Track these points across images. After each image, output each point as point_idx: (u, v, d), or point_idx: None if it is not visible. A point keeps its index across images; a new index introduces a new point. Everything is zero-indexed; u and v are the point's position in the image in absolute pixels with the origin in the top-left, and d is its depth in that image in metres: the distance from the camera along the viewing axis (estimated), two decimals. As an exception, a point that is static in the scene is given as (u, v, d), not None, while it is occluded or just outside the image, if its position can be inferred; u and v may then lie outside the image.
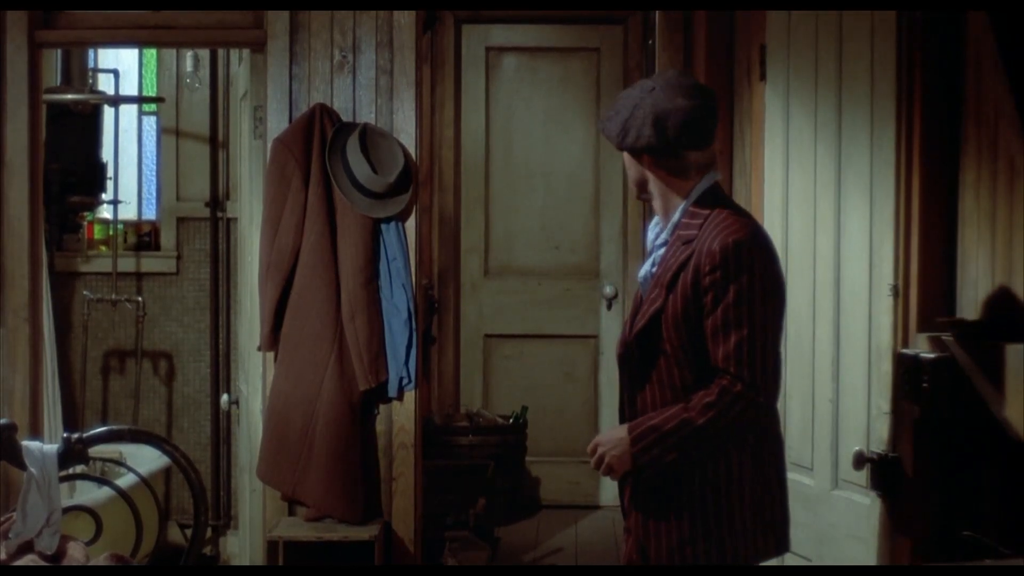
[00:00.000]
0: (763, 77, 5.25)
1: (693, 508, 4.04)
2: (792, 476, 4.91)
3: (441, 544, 7.28)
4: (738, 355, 3.90)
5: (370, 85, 6.17)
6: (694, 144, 4.05)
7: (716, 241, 3.94)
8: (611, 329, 9.21)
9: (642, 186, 4.20)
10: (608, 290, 9.19)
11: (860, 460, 4.38)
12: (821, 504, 4.75)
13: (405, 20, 6.20)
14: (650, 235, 4.27)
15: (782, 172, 5.04)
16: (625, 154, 4.18)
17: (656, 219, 4.26)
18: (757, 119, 5.32)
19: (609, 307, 9.21)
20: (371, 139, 5.97)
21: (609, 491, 9.24)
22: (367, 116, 6.14)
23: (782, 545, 4.14)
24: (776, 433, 4.12)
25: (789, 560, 4.97)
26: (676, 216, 4.11)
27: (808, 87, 4.84)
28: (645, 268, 4.21)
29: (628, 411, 4.21)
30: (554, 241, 9.28)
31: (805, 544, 4.86)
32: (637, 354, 4.17)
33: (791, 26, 5.01)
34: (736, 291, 3.89)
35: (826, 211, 4.70)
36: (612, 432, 4.14)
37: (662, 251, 4.14)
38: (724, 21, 5.93)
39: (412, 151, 6.12)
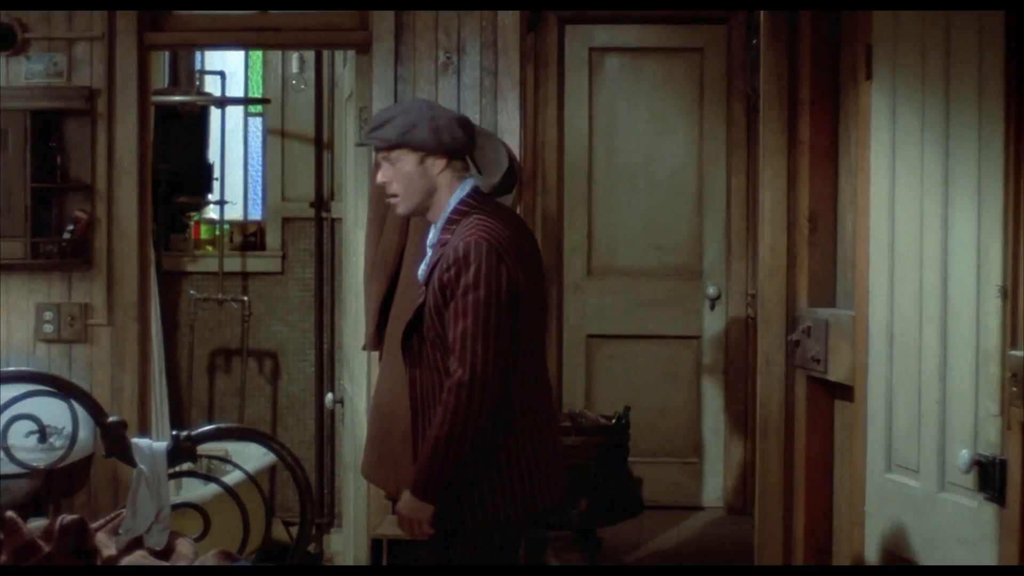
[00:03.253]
0: (869, 76, 5.21)
1: None
2: (897, 478, 4.89)
3: (543, 544, 7.29)
4: (463, 340, 4.37)
5: (474, 86, 6.20)
6: (465, 150, 4.67)
7: (460, 242, 4.44)
8: (714, 330, 9.18)
9: (426, 196, 4.63)
10: (711, 291, 9.16)
11: (969, 463, 4.35)
12: (927, 507, 4.71)
13: (509, 21, 6.22)
14: (428, 239, 4.71)
15: (888, 171, 5.00)
16: (403, 163, 4.60)
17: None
18: (863, 118, 5.28)
19: (712, 308, 9.18)
20: (476, 139, 5.99)
21: (712, 492, 9.22)
22: (471, 116, 6.15)
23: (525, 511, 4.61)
24: (519, 418, 4.53)
25: (893, 562, 4.94)
26: (441, 220, 4.61)
27: (915, 86, 4.80)
28: (422, 268, 4.67)
29: (410, 390, 4.65)
30: (657, 241, 9.26)
31: (910, 547, 4.83)
32: (413, 342, 4.62)
33: (897, 25, 4.97)
34: (464, 285, 4.38)
35: (933, 211, 4.66)
36: (403, 498, 4.55)
37: (431, 251, 4.63)
38: (829, 21, 5.90)
39: (516, 151, 6.13)
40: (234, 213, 9.33)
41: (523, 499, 4.56)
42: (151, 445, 4.51)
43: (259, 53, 9.20)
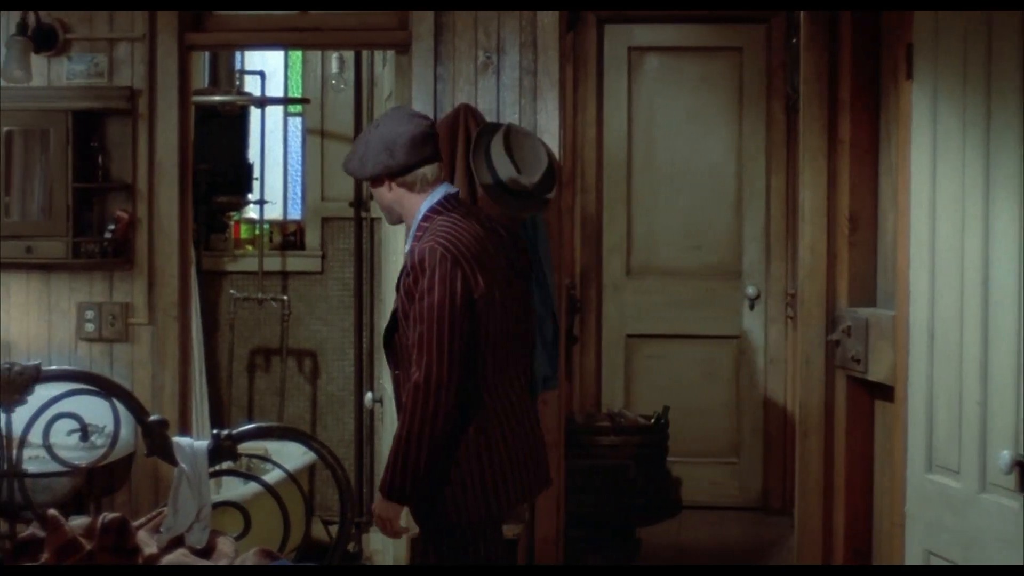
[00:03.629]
0: (910, 76, 5.19)
1: None
2: (938, 479, 4.87)
3: (583, 544, 7.30)
4: (419, 346, 4.54)
5: (514, 85, 6.20)
6: (422, 158, 4.77)
7: (417, 248, 4.64)
8: (754, 329, 9.16)
9: (391, 210, 4.91)
10: (750, 290, 9.15)
11: (1010, 464, 4.33)
12: (968, 507, 4.69)
13: (548, 20, 6.22)
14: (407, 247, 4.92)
15: (929, 172, 4.99)
16: (373, 188, 4.89)
17: None
18: (904, 118, 5.26)
19: (751, 307, 9.16)
20: (515, 139, 5.99)
21: (751, 492, 9.20)
22: (511, 116, 6.17)
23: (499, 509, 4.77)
24: (491, 419, 4.70)
25: (934, 563, 4.93)
26: (412, 229, 4.81)
27: (956, 86, 4.79)
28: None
29: (395, 390, 4.88)
30: (696, 241, 9.25)
31: (950, 548, 4.82)
32: (395, 344, 4.81)
33: (938, 25, 4.95)
34: (419, 291, 4.57)
35: (974, 211, 4.65)
36: (376, 498, 4.75)
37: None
38: (870, 20, 5.89)
39: (555, 151, 6.13)
40: (274, 213, 9.35)
41: (497, 500, 4.73)
42: (192, 444, 4.53)
43: (298, 53, 9.22)
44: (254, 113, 9.05)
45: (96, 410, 4.65)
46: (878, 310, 5.75)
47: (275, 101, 9.20)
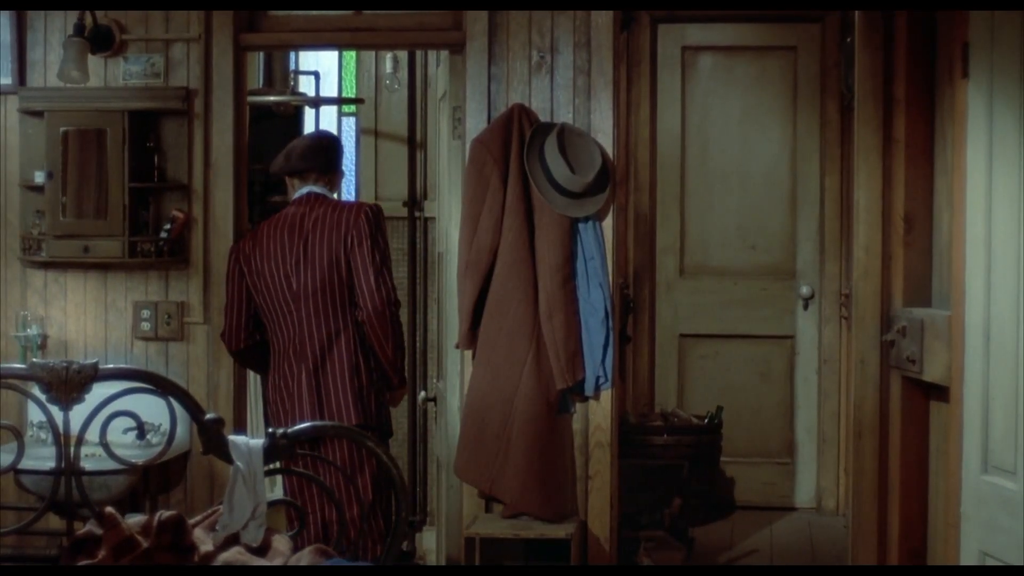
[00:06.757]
0: (965, 74, 5.17)
1: None
2: (994, 480, 4.85)
3: (636, 544, 7.29)
4: None
5: (567, 85, 6.20)
6: (290, 170, 6.18)
7: None
8: (807, 330, 9.14)
9: None
10: (804, 290, 9.12)
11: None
12: (1024, 508, 4.67)
13: (602, 20, 6.22)
14: None
15: (985, 170, 4.96)
16: None
17: None
18: (960, 117, 5.23)
19: (806, 307, 9.13)
20: (569, 139, 6.00)
21: (805, 493, 9.18)
22: (565, 116, 6.18)
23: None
24: (275, 362, 6.05)
25: (989, 564, 4.90)
26: None
27: (1013, 84, 4.76)
28: None
29: None
30: (750, 241, 9.23)
31: (1006, 549, 4.79)
32: None
33: (994, 24, 4.93)
34: None
35: (1031, 210, 4.62)
36: None
37: None
38: (925, 19, 5.86)
39: (609, 151, 6.13)
40: (328, 212, 9.36)
41: (274, 424, 5.82)
42: (247, 442, 4.55)
43: (353, 53, 9.25)
44: (308, 113, 9.08)
45: (152, 409, 4.67)
46: (933, 310, 5.73)
47: (329, 101, 9.23)
